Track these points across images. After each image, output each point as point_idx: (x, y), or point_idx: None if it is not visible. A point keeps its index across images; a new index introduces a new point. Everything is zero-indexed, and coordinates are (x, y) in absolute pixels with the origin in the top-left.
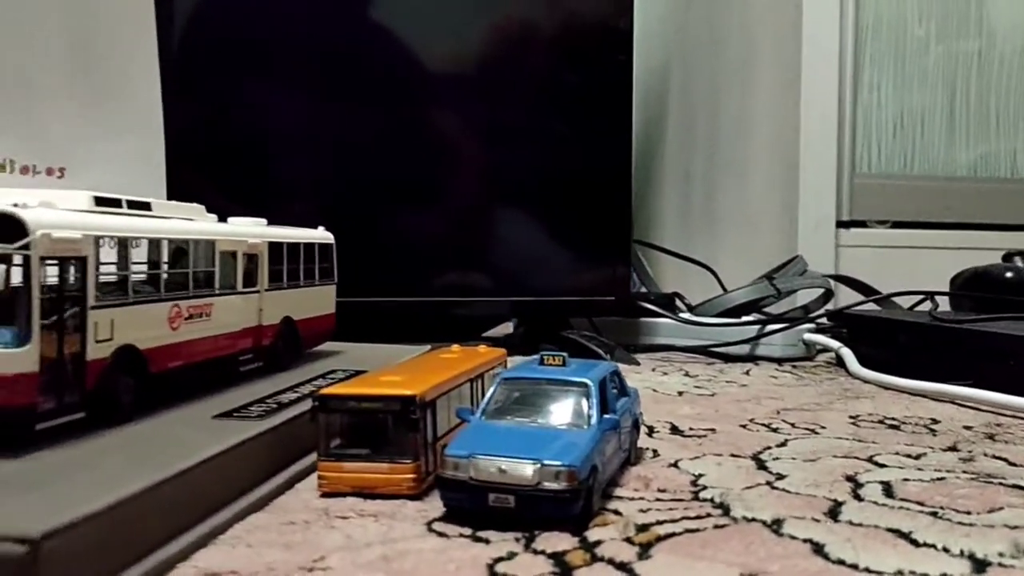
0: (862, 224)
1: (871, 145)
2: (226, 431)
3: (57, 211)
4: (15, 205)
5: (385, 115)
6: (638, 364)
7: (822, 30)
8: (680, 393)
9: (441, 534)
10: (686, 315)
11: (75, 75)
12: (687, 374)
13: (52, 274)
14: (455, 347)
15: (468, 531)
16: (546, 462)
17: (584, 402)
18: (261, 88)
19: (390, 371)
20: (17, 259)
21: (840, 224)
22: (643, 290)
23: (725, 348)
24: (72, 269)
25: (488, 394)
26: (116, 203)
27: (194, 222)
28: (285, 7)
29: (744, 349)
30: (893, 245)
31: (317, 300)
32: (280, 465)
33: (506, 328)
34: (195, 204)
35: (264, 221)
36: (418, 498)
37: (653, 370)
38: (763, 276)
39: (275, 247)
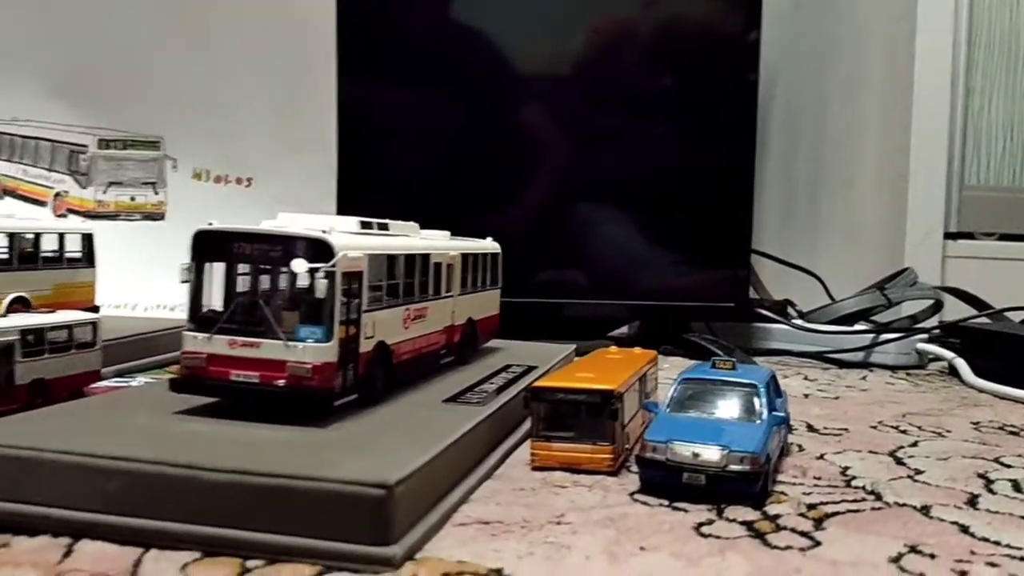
0: (969, 236)
1: (980, 157)
2: (461, 413)
3: (346, 235)
4: (323, 231)
5: (525, 124)
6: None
7: (935, 42)
8: (806, 396)
9: (644, 503)
10: (800, 322)
11: (262, 97)
12: (806, 378)
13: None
14: (613, 348)
15: (665, 502)
16: (733, 448)
17: (755, 400)
18: (423, 103)
19: (579, 368)
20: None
21: (948, 235)
22: (755, 296)
23: (840, 355)
24: (354, 282)
25: (670, 391)
26: (369, 225)
27: (411, 238)
28: (448, 25)
29: (857, 356)
30: (1000, 257)
31: (489, 303)
32: (496, 443)
33: (623, 329)
34: (411, 223)
35: (448, 233)
36: (615, 474)
37: None
38: (873, 286)
39: (464, 257)
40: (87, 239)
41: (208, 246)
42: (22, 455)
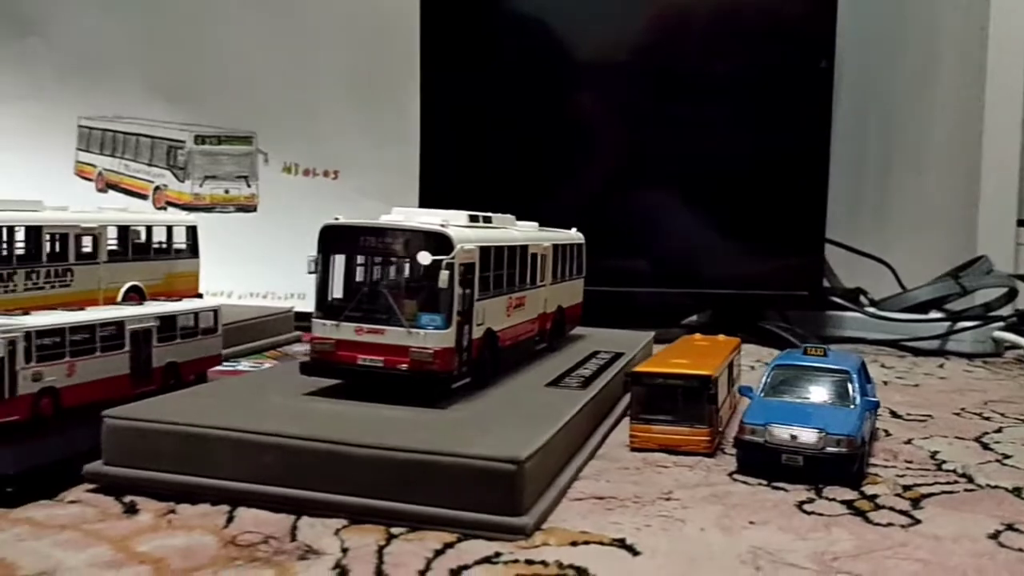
0: None
1: None
2: (564, 396)
3: (461, 228)
4: (441, 225)
5: (599, 113)
6: None
7: (1009, 29)
8: (885, 383)
9: (744, 482)
10: (874, 310)
11: (349, 93)
12: (883, 366)
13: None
14: (698, 335)
15: (764, 482)
16: (830, 431)
17: (849, 386)
18: (500, 96)
19: (673, 355)
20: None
21: (1021, 223)
22: (826, 285)
23: (916, 343)
24: (468, 272)
25: (763, 376)
26: (476, 218)
27: (510, 230)
28: (525, 18)
29: (932, 344)
30: None
31: (575, 292)
32: (596, 425)
33: (694, 317)
34: (508, 215)
35: (536, 224)
36: (711, 455)
37: None
38: (947, 274)
39: (555, 248)
40: (191, 231)
41: (334, 239)
42: (187, 431)
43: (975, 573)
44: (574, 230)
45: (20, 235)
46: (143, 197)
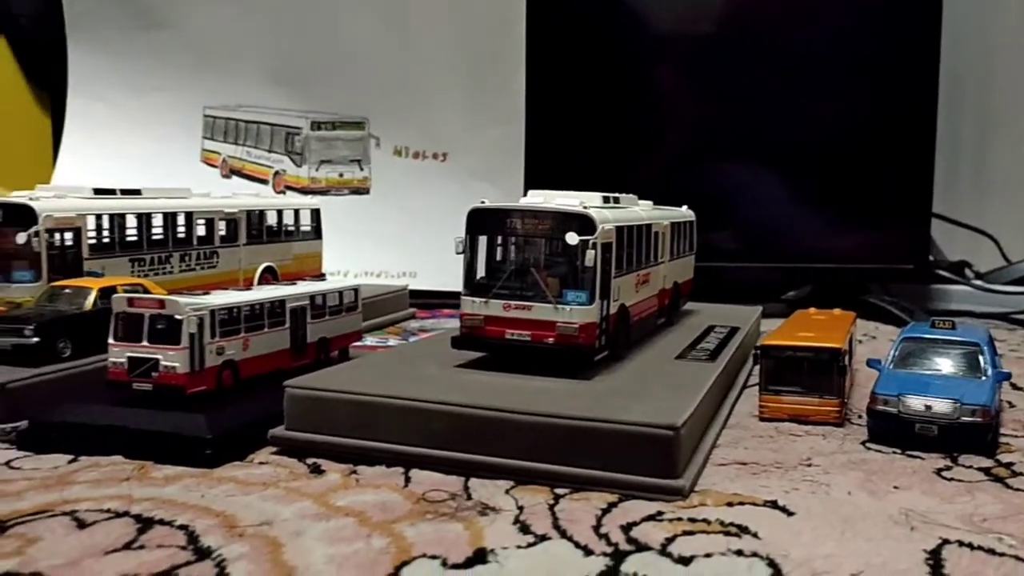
0: None
1: None
2: (695, 368)
3: (600, 209)
4: (583, 206)
5: (707, 87)
6: None
7: None
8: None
9: (878, 451)
10: (979, 282)
11: (456, 78)
12: (994, 339)
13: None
14: (812, 309)
15: (898, 451)
16: (965, 402)
17: (980, 358)
18: (602, 77)
19: (796, 328)
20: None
21: None
22: (930, 258)
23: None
24: (607, 251)
25: (892, 348)
26: (607, 200)
27: (635, 210)
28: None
29: None
30: None
31: (687, 268)
32: (724, 395)
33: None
34: (631, 195)
35: (651, 203)
36: (840, 425)
37: None
38: None
39: (672, 226)
40: (316, 214)
41: (481, 222)
42: (360, 399)
43: None
44: (685, 207)
45: (177, 220)
46: (263, 182)
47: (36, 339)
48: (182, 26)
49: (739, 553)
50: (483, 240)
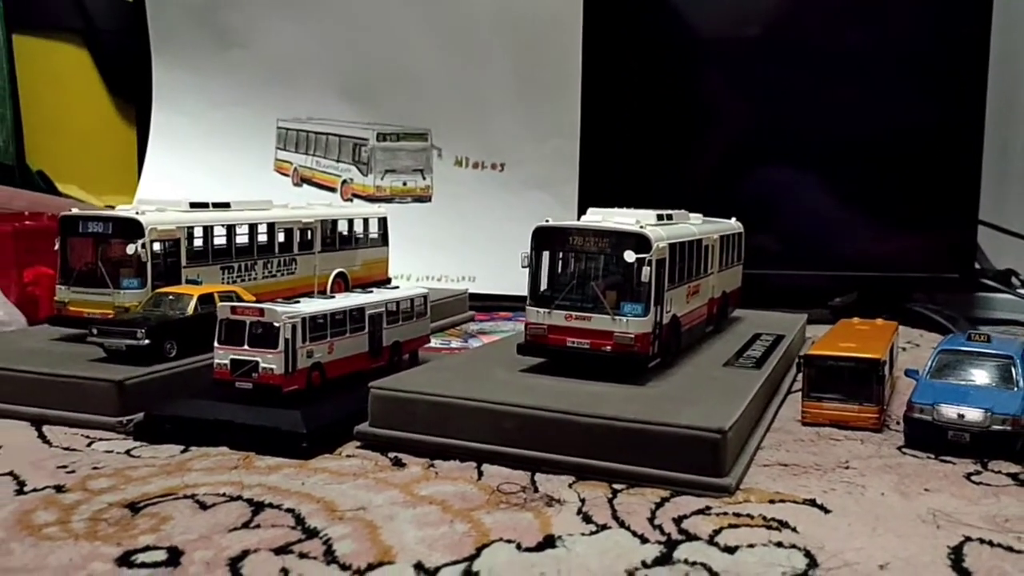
0: None
1: None
2: (742, 375)
3: (655, 228)
4: (640, 226)
5: (754, 97)
6: None
7: None
8: None
9: (913, 456)
10: None
11: (514, 88)
12: None
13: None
14: (856, 319)
15: (932, 456)
16: (995, 411)
17: (1013, 370)
18: (652, 93)
19: (839, 338)
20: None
21: None
22: (976, 266)
23: None
24: (661, 267)
25: (930, 360)
26: (661, 217)
27: (687, 225)
28: (680, 15)
29: None
30: None
31: (735, 277)
32: (769, 401)
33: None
34: (682, 210)
35: (701, 216)
36: (879, 431)
37: None
38: None
39: (720, 239)
40: (382, 222)
41: (545, 238)
42: (437, 400)
43: None
44: (734, 220)
45: (260, 230)
46: (332, 190)
47: (147, 341)
48: (257, 45)
49: (779, 545)
50: (547, 255)
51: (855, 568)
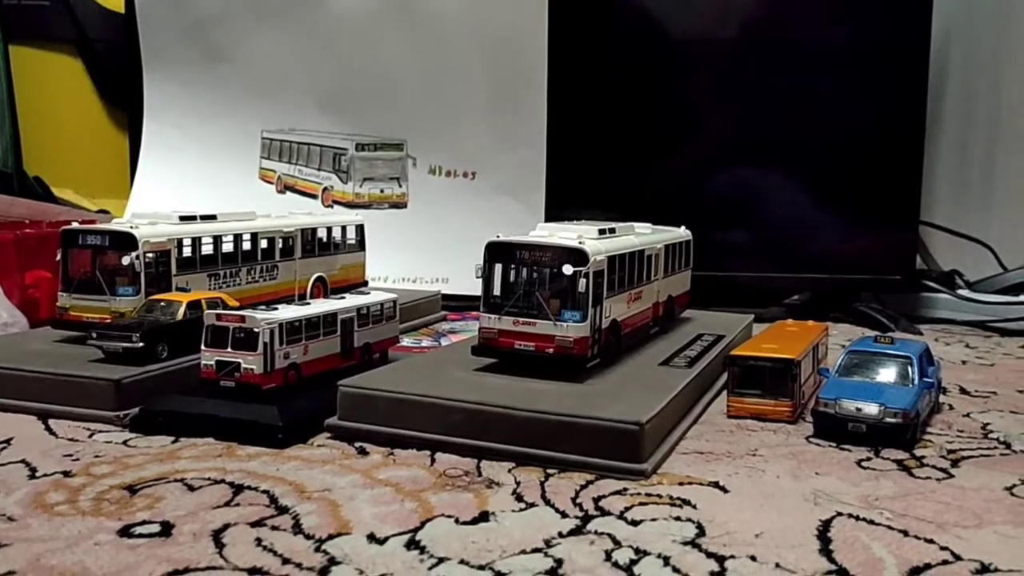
0: None
1: None
2: (674, 373)
3: (594, 242)
4: (580, 241)
5: (717, 105)
6: (921, 335)
7: None
8: (963, 362)
9: (817, 444)
10: (965, 292)
11: (485, 100)
12: (967, 346)
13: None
14: (790, 321)
15: (833, 445)
16: (888, 406)
17: (909, 369)
18: (617, 103)
19: (765, 340)
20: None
21: None
22: (923, 267)
23: (1003, 324)
24: (599, 277)
25: (839, 360)
26: (603, 231)
27: (630, 237)
28: (649, 28)
29: (1021, 325)
30: None
31: (683, 282)
32: (700, 396)
33: (795, 297)
34: (628, 223)
35: (650, 225)
36: (793, 423)
37: (936, 340)
38: None
39: (666, 248)
40: (360, 228)
41: (496, 252)
42: (397, 396)
43: (982, 512)
44: (683, 228)
45: (243, 239)
46: (313, 197)
47: (141, 344)
48: (243, 60)
49: (677, 519)
50: (498, 267)
51: (734, 535)
